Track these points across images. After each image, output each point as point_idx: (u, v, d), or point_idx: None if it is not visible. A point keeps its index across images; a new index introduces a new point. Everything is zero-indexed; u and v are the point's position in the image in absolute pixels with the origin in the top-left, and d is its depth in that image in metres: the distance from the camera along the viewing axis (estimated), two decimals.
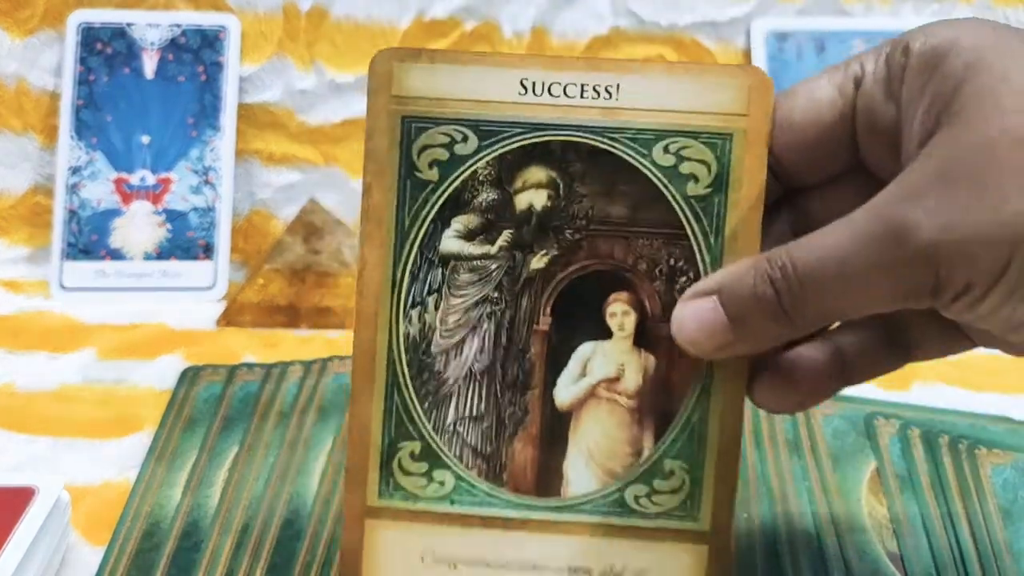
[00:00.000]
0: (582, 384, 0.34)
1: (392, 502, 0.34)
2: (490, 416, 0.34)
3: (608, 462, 0.34)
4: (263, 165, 0.72)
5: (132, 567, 0.39)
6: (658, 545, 0.34)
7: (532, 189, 0.34)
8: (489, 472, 0.34)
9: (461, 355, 0.34)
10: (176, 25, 0.69)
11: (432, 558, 0.34)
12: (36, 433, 0.49)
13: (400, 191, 0.34)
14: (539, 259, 0.34)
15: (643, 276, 0.34)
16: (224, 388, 0.51)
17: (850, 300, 0.28)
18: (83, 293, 0.66)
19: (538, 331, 0.34)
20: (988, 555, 0.39)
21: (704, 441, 0.33)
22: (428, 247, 0.34)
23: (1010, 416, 0.49)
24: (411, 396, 0.34)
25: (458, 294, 0.34)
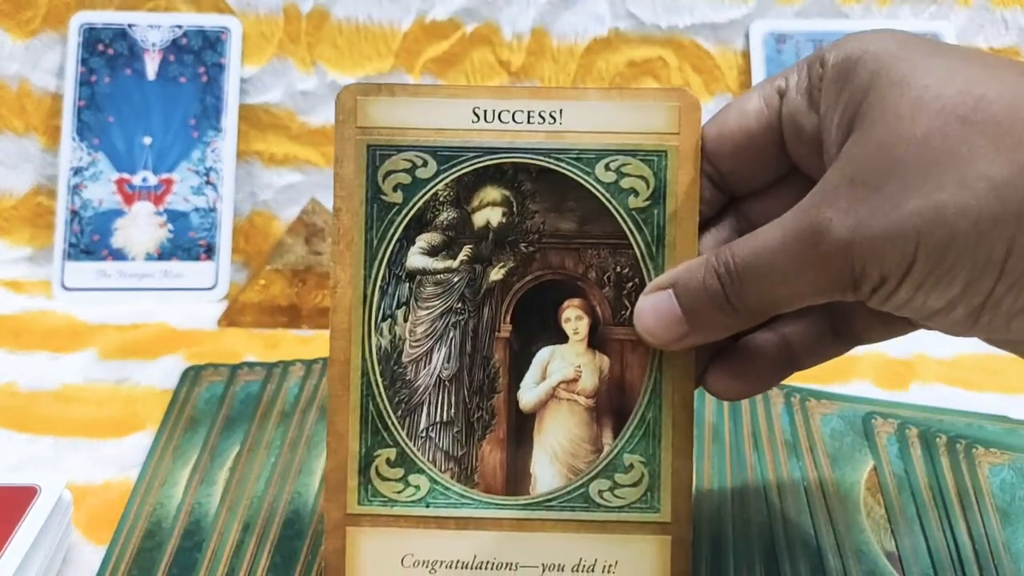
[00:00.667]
0: (543, 386, 0.37)
1: (371, 508, 0.36)
2: (459, 421, 0.37)
3: (571, 459, 0.36)
4: (264, 166, 0.72)
5: (133, 566, 0.39)
6: (624, 537, 0.36)
7: (488, 207, 0.37)
8: (461, 474, 0.36)
9: (430, 364, 0.37)
10: (177, 26, 0.70)
11: (412, 561, 0.36)
12: (38, 433, 0.49)
13: (368, 213, 0.36)
14: (497, 271, 0.37)
15: (593, 284, 0.37)
16: (225, 388, 0.51)
17: (783, 292, 0.30)
18: (85, 293, 0.66)
19: (500, 338, 0.37)
20: (986, 555, 0.39)
21: (659, 436, 0.36)
22: (395, 264, 0.36)
23: (1008, 416, 0.49)
24: (385, 405, 0.36)
25: (424, 306, 0.37)
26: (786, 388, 0.50)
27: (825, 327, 0.36)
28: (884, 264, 0.27)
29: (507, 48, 0.71)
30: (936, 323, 0.29)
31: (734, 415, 0.48)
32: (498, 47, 0.72)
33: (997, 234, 0.26)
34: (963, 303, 0.27)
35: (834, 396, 0.50)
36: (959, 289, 0.27)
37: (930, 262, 0.27)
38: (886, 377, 0.56)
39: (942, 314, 0.28)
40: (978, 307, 0.27)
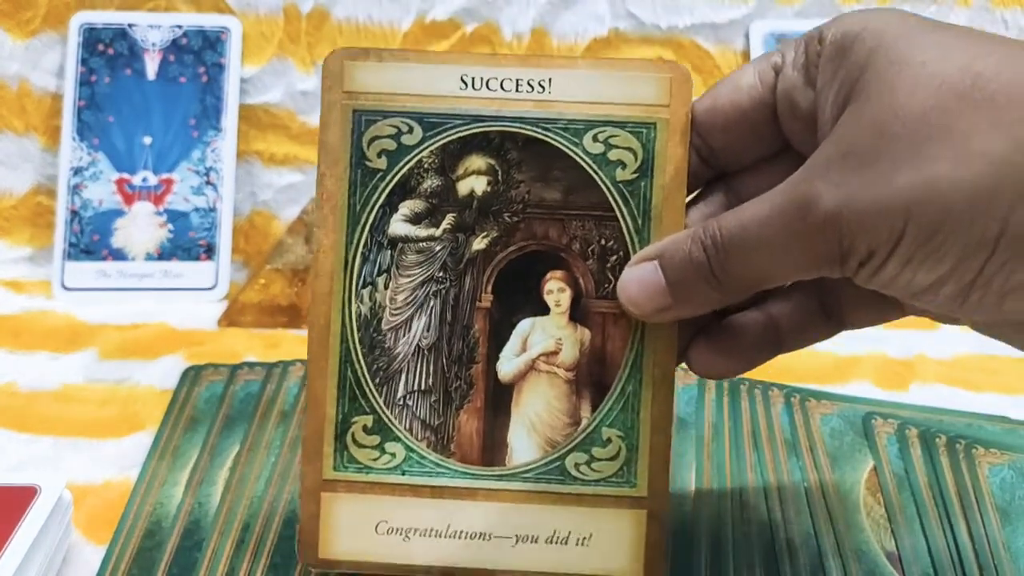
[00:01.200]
0: (523, 358, 0.37)
1: (346, 474, 0.36)
2: (437, 390, 0.37)
3: (549, 432, 0.37)
4: (264, 166, 0.72)
5: (133, 566, 0.39)
6: (599, 511, 0.36)
7: (473, 176, 0.36)
8: (437, 444, 0.36)
9: (409, 332, 0.37)
10: (177, 26, 0.70)
11: (386, 528, 0.36)
12: (38, 433, 0.49)
13: (352, 179, 0.36)
14: (480, 240, 0.37)
15: (577, 256, 0.36)
16: (225, 388, 0.51)
17: (769, 266, 0.30)
18: (85, 293, 0.66)
19: (480, 308, 0.37)
20: (985, 554, 0.39)
21: (638, 410, 0.36)
22: (378, 230, 0.36)
23: (1007, 416, 0.49)
24: (363, 371, 0.36)
25: (406, 274, 0.37)
26: (786, 388, 0.50)
27: (812, 308, 0.36)
28: (872, 238, 0.27)
29: (507, 48, 0.71)
30: (924, 302, 0.29)
31: (734, 415, 0.48)
32: (498, 47, 0.72)
33: (992, 211, 0.25)
34: (952, 280, 0.27)
35: (834, 396, 0.50)
36: (949, 266, 0.27)
37: (920, 237, 0.26)
38: (886, 377, 0.56)
39: (930, 292, 0.28)
40: (968, 285, 0.27)
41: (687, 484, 0.43)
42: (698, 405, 0.49)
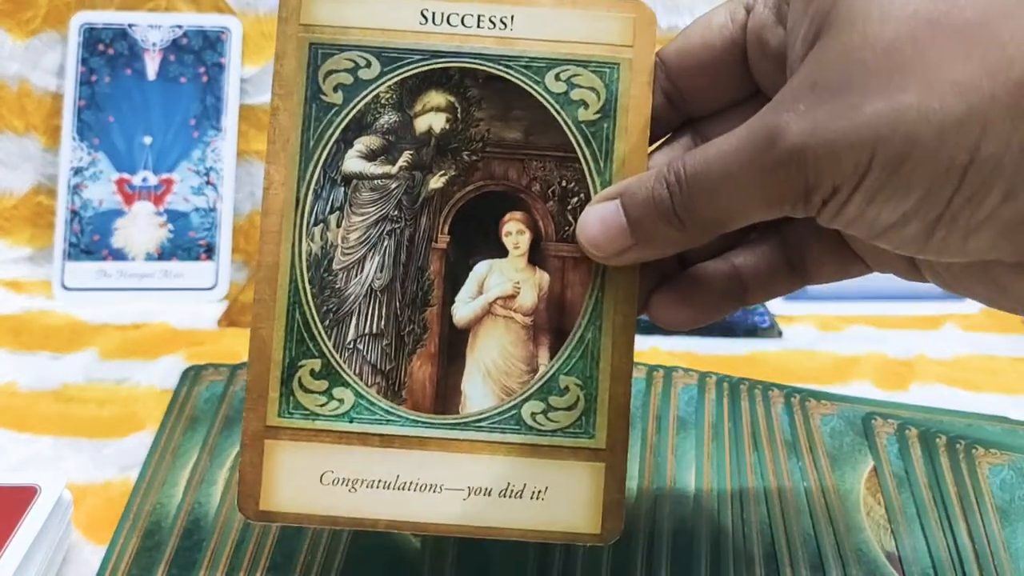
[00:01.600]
0: (479, 301, 0.35)
1: (292, 421, 0.34)
2: (390, 333, 0.35)
3: (505, 379, 0.35)
4: None
5: (133, 566, 0.39)
6: (556, 463, 0.34)
7: (431, 112, 0.35)
8: (388, 390, 0.35)
9: (362, 272, 0.35)
10: (178, 26, 0.70)
11: (331, 479, 0.34)
12: (38, 432, 0.49)
13: (306, 113, 0.35)
14: (437, 179, 0.35)
15: (536, 197, 0.35)
16: (225, 388, 0.51)
17: (734, 203, 0.29)
18: (85, 293, 0.66)
19: (436, 249, 0.35)
20: (985, 554, 0.39)
21: (597, 358, 0.34)
22: (331, 167, 0.35)
23: (1007, 416, 0.49)
24: (312, 313, 0.35)
25: (359, 212, 0.35)
26: (786, 389, 0.50)
27: (777, 260, 0.35)
28: (837, 171, 0.26)
29: None
30: (888, 241, 0.28)
31: (734, 415, 0.48)
32: None
33: (960, 140, 0.24)
34: (918, 217, 0.26)
35: (834, 396, 0.50)
36: (915, 200, 0.26)
37: (886, 170, 0.25)
38: (886, 377, 0.56)
39: (895, 230, 0.27)
40: (933, 221, 0.26)
41: (687, 484, 0.43)
42: (698, 405, 0.49)
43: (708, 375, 0.51)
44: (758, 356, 0.59)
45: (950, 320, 0.65)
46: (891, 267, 0.33)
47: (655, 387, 0.49)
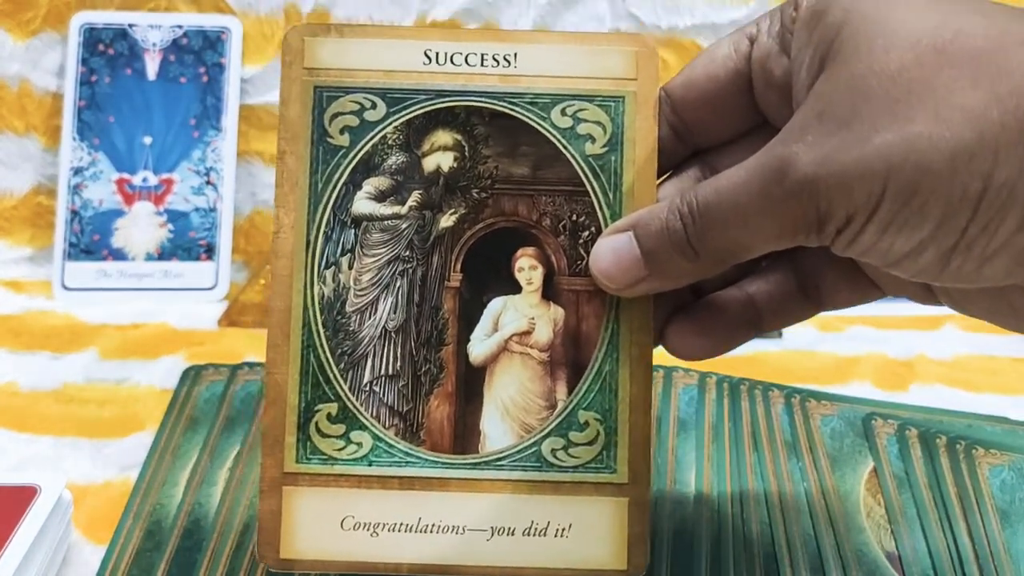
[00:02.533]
0: (495, 338, 0.35)
1: (310, 466, 0.34)
2: (406, 374, 0.35)
3: (524, 416, 0.35)
4: (265, 166, 0.72)
5: (133, 566, 0.39)
6: (578, 499, 0.34)
7: (439, 151, 0.35)
8: (406, 431, 0.35)
9: (375, 314, 0.35)
10: (178, 26, 0.70)
11: (352, 524, 0.34)
12: (38, 432, 0.49)
13: (313, 156, 0.35)
14: (448, 218, 0.35)
15: (547, 232, 0.35)
16: (226, 388, 0.51)
17: (746, 234, 0.29)
18: (85, 293, 0.66)
19: (450, 287, 0.35)
20: (986, 555, 0.39)
21: (616, 390, 0.34)
22: (341, 209, 0.35)
23: (1008, 417, 0.49)
24: (327, 357, 0.35)
25: (371, 253, 0.35)
26: (786, 389, 0.50)
27: (791, 287, 0.35)
28: (850, 201, 0.26)
29: None
30: (904, 269, 0.28)
31: (734, 416, 0.48)
32: None
33: (973, 168, 0.24)
34: (933, 245, 0.26)
35: (834, 397, 0.50)
36: (930, 229, 0.26)
37: (899, 199, 0.25)
38: (886, 378, 0.56)
39: (910, 259, 0.27)
40: (949, 250, 0.26)
41: (687, 485, 0.43)
42: (698, 406, 0.49)
43: (708, 375, 0.51)
44: (758, 356, 0.59)
45: (950, 321, 0.65)
46: (906, 292, 0.32)
47: (655, 387, 0.49)
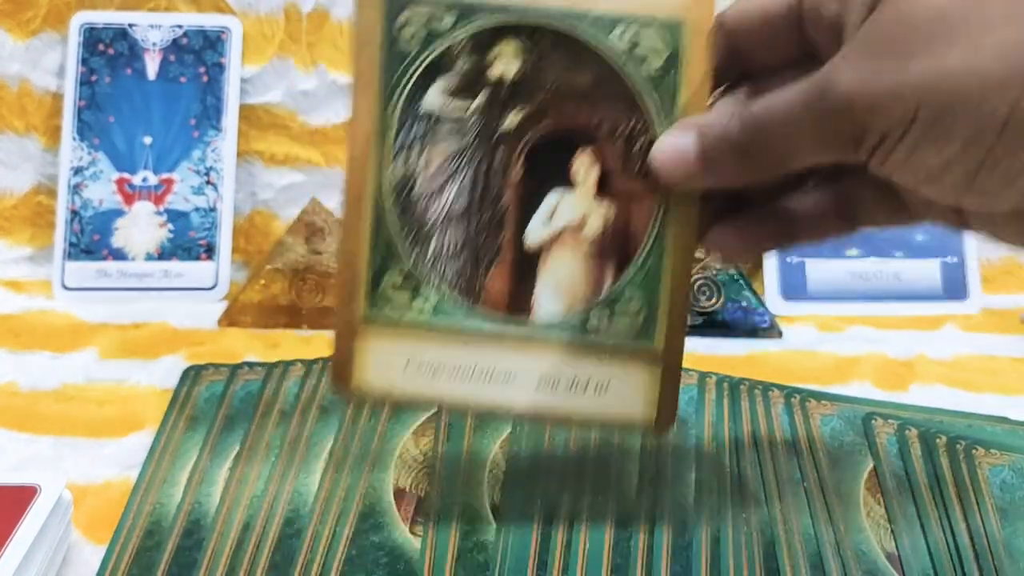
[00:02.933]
0: (550, 228, 0.39)
1: (380, 312, 0.38)
2: (466, 253, 0.39)
3: (574, 292, 0.39)
4: (265, 166, 0.72)
5: (133, 565, 0.39)
6: (618, 362, 0.38)
7: (505, 60, 0.38)
8: (467, 297, 0.38)
9: (441, 199, 0.38)
10: (178, 26, 0.70)
11: (415, 366, 0.38)
12: (38, 432, 0.49)
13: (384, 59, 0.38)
14: (512, 118, 0.38)
15: (605, 136, 0.38)
16: (226, 387, 0.51)
17: (792, 146, 0.32)
18: (85, 293, 0.66)
19: (510, 181, 0.38)
20: (986, 555, 0.39)
21: (659, 279, 0.38)
22: (413, 101, 0.38)
23: (1007, 417, 0.49)
24: (396, 233, 0.38)
25: (439, 145, 0.38)
26: (786, 389, 0.50)
27: (829, 206, 0.38)
28: (885, 121, 0.29)
29: None
30: (933, 188, 0.30)
31: (734, 415, 0.48)
32: None
33: (1001, 96, 0.27)
34: (960, 164, 0.29)
35: (834, 397, 0.50)
36: (957, 149, 0.28)
37: (930, 120, 0.28)
38: (886, 378, 0.56)
39: (937, 175, 0.30)
40: (975, 169, 0.29)
41: (687, 484, 0.43)
42: (698, 405, 0.49)
43: (708, 375, 0.51)
44: (758, 356, 0.59)
45: (950, 321, 0.65)
46: (940, 217, 0.34)
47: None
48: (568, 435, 0.46)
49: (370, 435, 0.46)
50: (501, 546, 0.39)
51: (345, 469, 0.44)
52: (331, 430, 0.47)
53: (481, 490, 0.43)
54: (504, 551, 0.39)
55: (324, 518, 0.41)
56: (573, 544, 0.40)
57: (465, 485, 0.43)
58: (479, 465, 0.44)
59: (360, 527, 0.41)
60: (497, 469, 0.44)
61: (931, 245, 0.69)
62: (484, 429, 0.46)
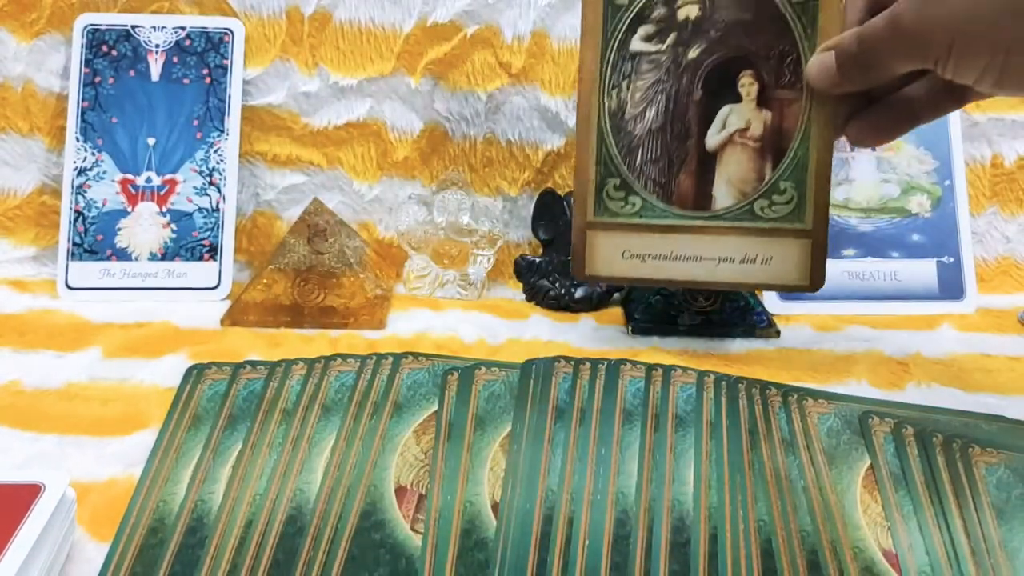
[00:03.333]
0: (723, 133, 0.54)
1: (602, 218, 0.56)
2: (663, 159, 0.55)
3: (742, 185, 0.54)
4: (267, 167, 0.72)
5: (137, 563, 0.39)
6: (778, 239, 0.54)
7: (688, 5, 0.55)
8: (663, 196, 0.55)
9: (644, 119, 0.55)
10: (181, 28, 0.70)
11: (629, 254, 0.56)
12: (42, 431, 0.49)
13: (604, 13, 0.55)
14: (694, 51, 0.54)
15: (763, 58, 0.54)
16: (228, 386, 0.51)
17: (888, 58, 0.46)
18: (89, 292, 0.67)
19: (693, 99, 0.55)
20: (982, 553, 0.39)
21: (806, 168, 0.53)
22: (622, 47, 0.55)
23: (1004, 416, 0.50)
24: (612, 147, 0.55)
25: (641, 78, 0.55)
26: (784, 388, 0.50)
27: (940, 88, 0.49)
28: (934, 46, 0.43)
29: (507, 50, 0.72)
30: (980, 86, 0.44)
31: (732, 414, 0.48)
32: (499, 49, 0.72)
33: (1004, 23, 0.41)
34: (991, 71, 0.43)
35: (831, 395, 0.51)
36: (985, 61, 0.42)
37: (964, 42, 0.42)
38: (883, 377, 0.56)
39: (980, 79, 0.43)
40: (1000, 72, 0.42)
41: (685, 483, 0.43)
42: (696, 404, 0.49)
43: (706, 374, 0.51)
44: (756, 355, 0.59)
45: (946, 320, 0.66)
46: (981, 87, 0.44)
47: (654, 386, 0.50)
48: (567, 435, 0.46)
49: (371, 434, 0.47)
50: (501, 544, 0.40)
51: (347, 467, 0.45)
52: (333, 429, 0.47)
53: (482, 488, 0.43)
54: (504, 549, 0.39)
55: (326, 516, 0.42)
56: (573, 543, 0.40)
57: (466, 483, 0.43)
58: (480, 463, 0.45)
59: (362, 525, 0.41)
60: (497, 467, 0.44)
61: (928, 245, 0.69)
62: (484, 428, 0.47)
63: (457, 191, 0.70)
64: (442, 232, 0.70)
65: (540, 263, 0.69)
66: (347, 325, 0.62)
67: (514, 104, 0.72)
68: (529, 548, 0.40)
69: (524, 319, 0.66)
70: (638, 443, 0.46)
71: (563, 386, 0.49)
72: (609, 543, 0.40)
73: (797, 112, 0.52)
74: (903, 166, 0.70)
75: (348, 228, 0.68)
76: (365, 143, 0.73)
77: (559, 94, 0.72)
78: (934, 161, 0.70)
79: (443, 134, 0.73)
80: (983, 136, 0.74)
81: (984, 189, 0.74)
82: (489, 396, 0.49)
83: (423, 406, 0.49)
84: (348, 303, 0.63)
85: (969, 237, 0.69)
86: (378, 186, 0.73)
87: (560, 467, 0.44)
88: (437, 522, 0.41)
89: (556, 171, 0.74)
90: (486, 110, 0.72)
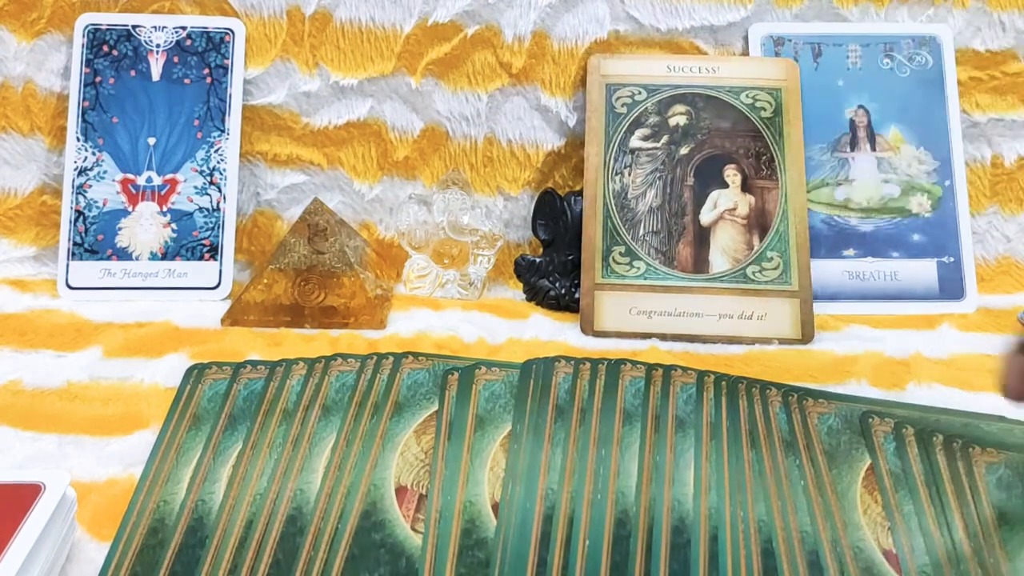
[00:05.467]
0: (715, 212, 0.65)
1: (609, 280, 0.63)
2: (664, 231, 0.64)
3: (734, 253, 0.63)
4: (268, 167, 0.72)
5: (137, 562, 0.39)
6: (769, 298, 0.62)
7: (677, 115, 0.67)
8: (665, 261, 0.63)
9: (645, 199, 0.65)
10: (182, 28, 0.70)
11: (635, 312, 0.62)
12: (43, 430, 0.49)
13: (607, 119, 0.67)
14: (684, 148, 0.66)
15: (742, 155, 0.66)
16: (229, 386, 0.51)
17: None
18: (89, 292, 0.67)
19: (687, 186, 0.65)
20: (982, 552, 0.40)
21: (788, 240, 0.63)
22: (623, 144, 0.66)
23: (1004, 416, 0.50)
24: (617, 222, 0.64)
25: (640, 168, 0.66)
26: (784, 388, 0.51)
27: None
28: None
29: (508, 50, 0.72)
30: None
31: (732, 414, 0.48)
32: (499, 49, 0.72)
33: None
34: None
35: (831, 395, 0.51)
36: None
37: None
38: (883, 377, 0.56)
39: None
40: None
41: (685, 482, 0.43)
42: (696, 404, 0.49)
43: (706, 374, 0.52)
44: (756, 355, 0.59)
45: (947, 320, 0.66)
46: None
47: (654, 386, 0.50)
48: (567, 434, 0.46)
49: (372, 433, 0.47)
50: (501, 544, 0.40)
51: (347, 467, 0.45)
52: (333, 428, 0.47)
53: (482, 488, 0.43)
54: (504, 549, 0.40)
55: (326, 516, 0.42)
56: (573, 543, 0.40)
57: (466, 483, 0.43)
58: (480, 463, 0.45)
59: (362, 525, 0.41)
60: (498, 467, 0.44)
61: (928, 245, 0.69)
62: (484, 428, 0.47)
63: (457, 191, 0.71)
64: (442, 232, 0.70)
65: (540, 263, 0.69)
66: (347, 325, 0.62)
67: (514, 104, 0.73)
68: (529, 548, 0.40)
69: (524, 319, 0.66)
70: (638, 443, 0.46)
71: (563, 386, 0.49)
72: (609, 543, 0.40)
73: (776, 197, 0.64)
74: (903, 166, 0.70)
75: (348, 228, 0.68)
76: (365, 143, 0.73)
77: (559, 94, 0.72)
78: (934, 161, 0.70)
79: (443, 134, 0.73)
80: (983, 136, 0.74)
81: (984, 189, 0.74)
82: (489, 396, 0.49)
83: (423, 406, 0.49)
84: (348, 303, 0.63)
85: (969, 237, 0.69)
86: (378, 186, 0.73)
87: (560, 467, 0.44)
88: (437, 522, 0.41)
89: (556, 171, 0.74)
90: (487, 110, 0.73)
